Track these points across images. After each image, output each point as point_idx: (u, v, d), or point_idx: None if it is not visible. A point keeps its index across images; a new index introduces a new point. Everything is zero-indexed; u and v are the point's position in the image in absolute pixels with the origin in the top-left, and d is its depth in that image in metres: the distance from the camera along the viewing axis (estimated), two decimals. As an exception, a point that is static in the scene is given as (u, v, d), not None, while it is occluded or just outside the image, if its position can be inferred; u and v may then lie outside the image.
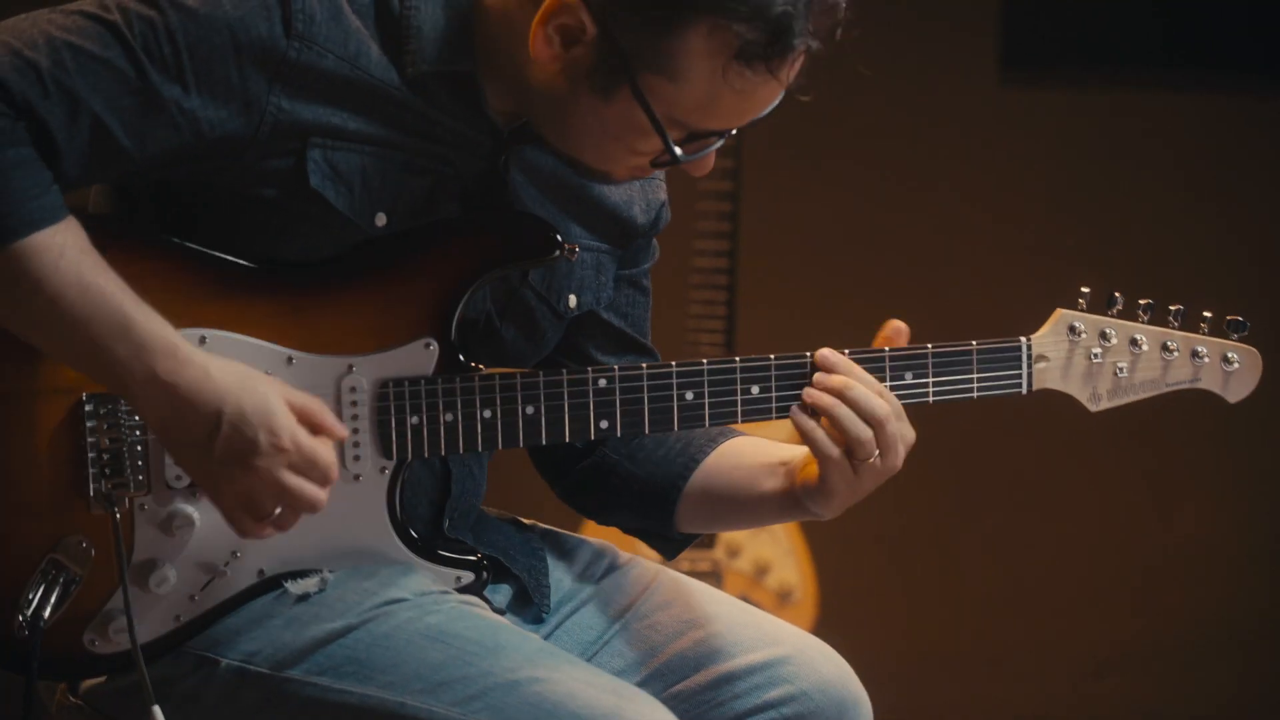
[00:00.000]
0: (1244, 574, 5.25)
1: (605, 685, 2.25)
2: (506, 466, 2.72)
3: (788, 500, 2.45)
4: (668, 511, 2.54)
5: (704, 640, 2.47)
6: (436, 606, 2.30)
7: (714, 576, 4.67)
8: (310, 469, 2.19)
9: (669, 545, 2.62)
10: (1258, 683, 5.25)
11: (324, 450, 2.20)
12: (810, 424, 2.35)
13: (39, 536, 2.27)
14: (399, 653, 2.25)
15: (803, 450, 2.43)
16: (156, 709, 2.22)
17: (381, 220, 2.29)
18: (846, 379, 2.35)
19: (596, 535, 2.67)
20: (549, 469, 2.62)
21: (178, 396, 2.14)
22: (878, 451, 2.34)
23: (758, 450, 2.52)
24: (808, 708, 2.43)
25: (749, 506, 2.50)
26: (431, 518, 2.43)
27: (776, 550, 4.75)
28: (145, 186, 2.32)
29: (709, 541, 4.73)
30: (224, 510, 2.20)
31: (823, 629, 2.53)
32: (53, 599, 2.26)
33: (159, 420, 2.17)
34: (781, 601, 4.70)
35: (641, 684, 2.44)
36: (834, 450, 2.34)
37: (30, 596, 2.26)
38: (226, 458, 2.15)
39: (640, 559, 2.61)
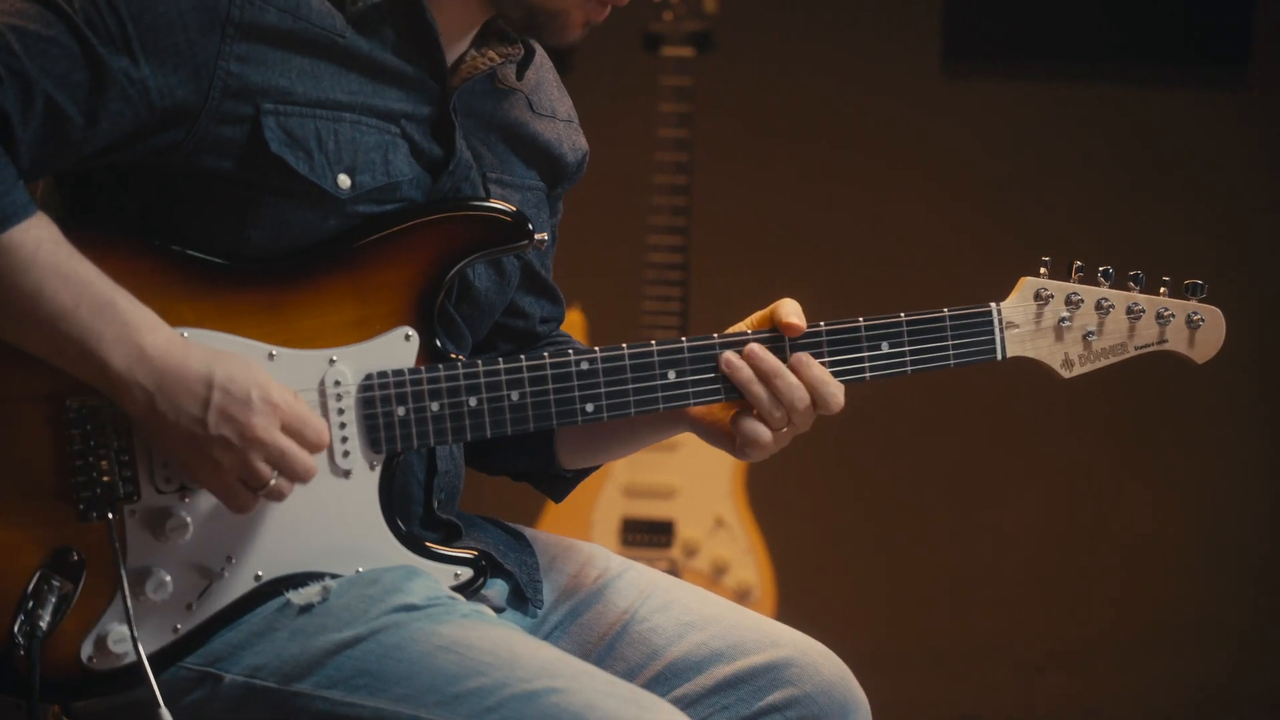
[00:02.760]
0: (1190, 570, 5.28)
1: (625, 694, 2.18)
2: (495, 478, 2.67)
3: (665, 419, 2.46)
4: (548, 440, 2.53)
5: (705, 643, 2.45)
6: (447, 615, 2.23)
7: (671, 576, 4.63)
8: (303, 429, 2.19)
9: (557, 485, 2.61)
10: (1203, 678, 5.28)
11: (314, 416, 2.20)
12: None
13: (27, 551, 2.20)
14: (412, 664, 2.18)
15: None
16: (165, 712, 2.16)
17: (345, 182, 2.27)
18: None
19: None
20: None
21: (167, 369, 2.14)
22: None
23: None
24: (811, 710, 2.41)
25: (619, 429, 2.50)
26: (421, 498, 2.40)
27: (735, 549, 4.72)
28: (107, 188, 2.27)
29: (665, 541, 4.70)
30: (218, 484, 2.18)
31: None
32: (48, 615, 2.17)
33: (147, 400, 2.15)
34: (740, 601, 4.65)
35: (644, 688, 2.38)
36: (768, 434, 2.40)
37: (24, 614, 2.17)
38: (221, 420, 2.15)
39: (635, 564, 2.58)
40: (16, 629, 2.17)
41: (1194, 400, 5.24)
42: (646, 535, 4.69)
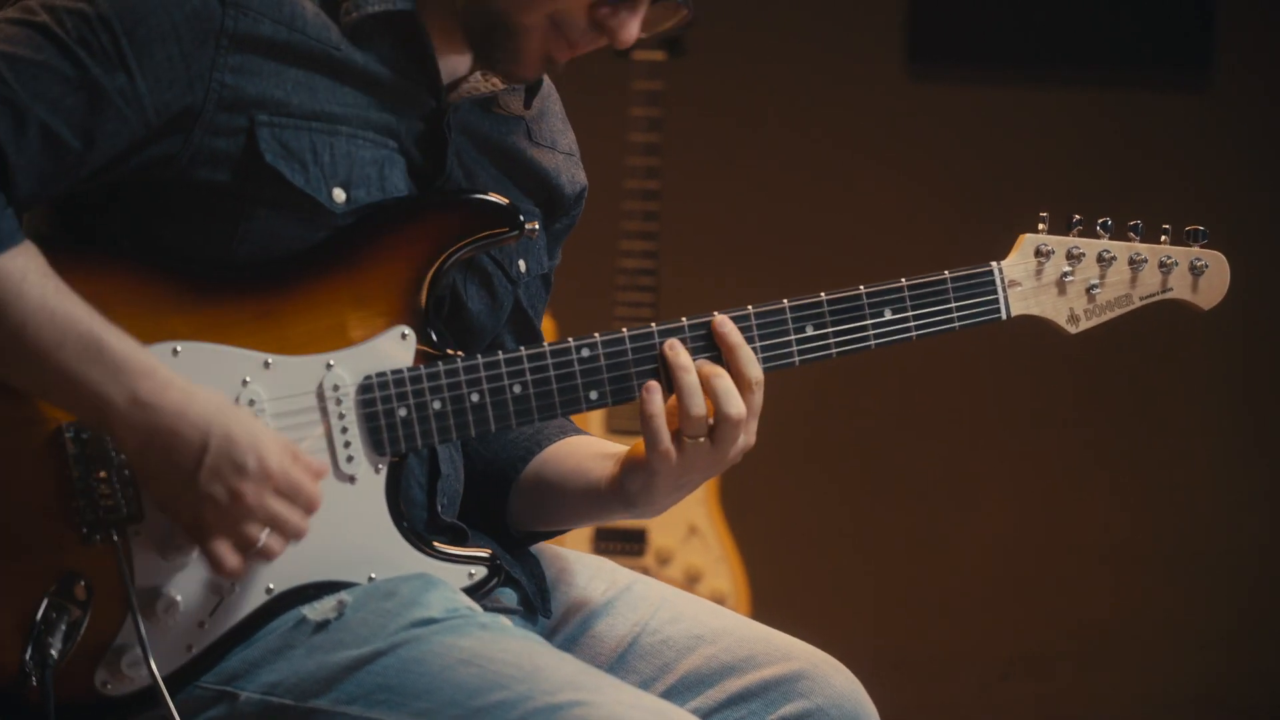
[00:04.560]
0: (1151, 577, 5.30)
1: (650, 707, 2.14)
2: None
3: (611, 489, 2.38)
4: (502, 496, 2.48)
5: (716, 656, 2.41)
6: (467, 627, 2.18)
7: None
8: (295, 495, 2.13)
9: (506, 542, 2.53)
10: (1165, 684, 5.28)
11: (307, 479, 2.14)
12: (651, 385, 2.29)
13: (33, 579, 2.14)
14: (433, 678, 2.13)
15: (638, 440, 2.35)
16: None
17: (340, 195, 2.22)
18: (716, 369, 2.28)
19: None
20: None
21: (162, 419, 2.08)
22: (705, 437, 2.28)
23: (597, 443, 2.48)
24: None
25: (575, 496, 2.44)
26: (424, 502, 2.35)
27: (708, 558, 4.69)
28: (93, 201, 2.22)
29: (638, 549, 4.66)
30: (206, 543, 2.12)
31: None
32: (58, 642, 2.12)
33: (139, 445, 2.09)
34: (714, 609, 4.63)
35: None
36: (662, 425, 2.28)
37: (34, 644, 2.12)
38: (212, 481, 2.09)
39: (643, 576, 2.54)
40: (28, 658, 2.12)
41: (1165, 404, 5.25)
42: (619, 543, 4.65)
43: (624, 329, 2.29)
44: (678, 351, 2.28)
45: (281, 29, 2.20)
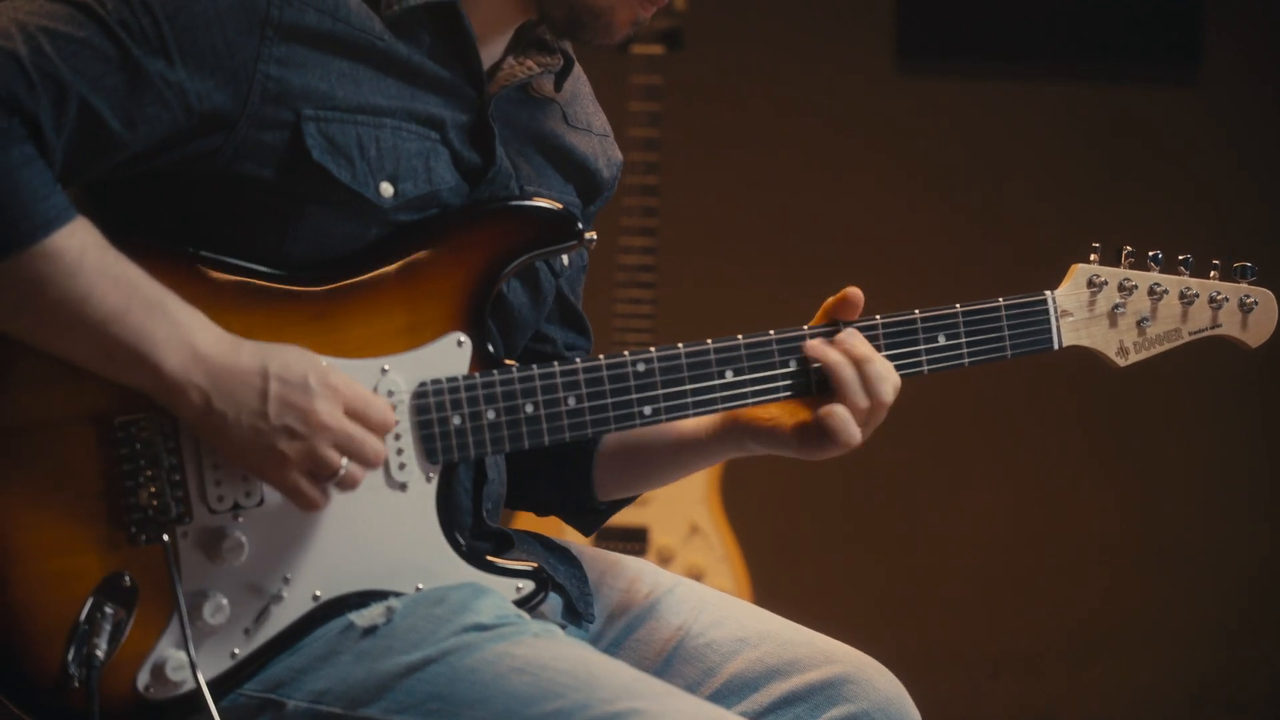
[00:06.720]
0: (1143, 574, 5.31)
1: (709, 715, 2.10)
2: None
3: (720, 435, 2.39)
4: (585, 468, 2.47)
5: (760, 659, 2.40)
6: (519, 634, 2.14)
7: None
8: (367, 410, 2.12)
9: (589, 518, 2.55)
10: (1157, 681, 5.29)
11: (376, 397, 2.13)
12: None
13: (78, 578, 2.10)
14: (485, 687, 2.09)
15: None
16: None
17: (387, 190, 2.19)
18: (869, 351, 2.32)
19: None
20: None
21: (220, 366, 2.07)
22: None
23: None
24: None
25: (668, 450, 2.44)
26: (470, 508, 2.33)
27: (710, 557, 4.66)
28: (141, 199, 2.19)
29: (639, 549, 4.63)
30: (285, 480, 2.10)
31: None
32: (104, 643, 2.07)
33: (204, 400, 2.07)
34: (715, 608, 4.59)
35: None
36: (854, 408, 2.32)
37: (78, 644, 2.07)
38: (282, 411, 2.08)
39: (684, 579, 2.52)
40: (71, 659, 2.07)
41: (1157, 400, 5.24)
42: (620, 543, 4.61)
43: (680, 344, 2.28)
44: (825, 350, 2.30)
45: (326, 19, 2.16)
